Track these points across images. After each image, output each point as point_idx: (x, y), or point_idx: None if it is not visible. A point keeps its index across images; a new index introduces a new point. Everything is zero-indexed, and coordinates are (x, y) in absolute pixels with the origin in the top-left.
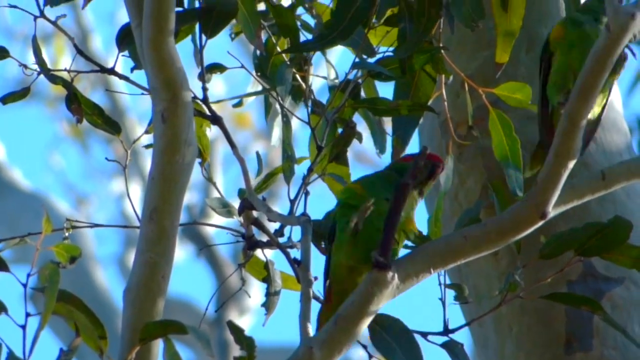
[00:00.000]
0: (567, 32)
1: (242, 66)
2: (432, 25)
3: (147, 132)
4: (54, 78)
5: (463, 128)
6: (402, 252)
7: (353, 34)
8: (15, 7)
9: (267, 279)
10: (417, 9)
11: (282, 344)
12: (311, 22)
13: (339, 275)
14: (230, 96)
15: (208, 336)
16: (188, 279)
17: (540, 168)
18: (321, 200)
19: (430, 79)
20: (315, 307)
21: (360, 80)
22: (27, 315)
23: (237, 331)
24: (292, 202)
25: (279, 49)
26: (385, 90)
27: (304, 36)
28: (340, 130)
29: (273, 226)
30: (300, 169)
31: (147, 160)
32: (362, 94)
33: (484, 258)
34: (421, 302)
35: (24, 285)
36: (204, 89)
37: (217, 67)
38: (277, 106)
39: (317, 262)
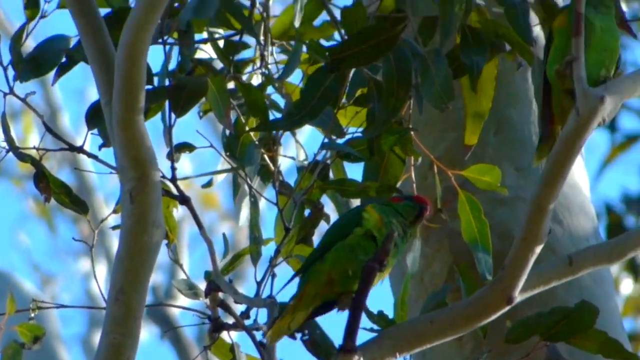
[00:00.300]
0: (569, 18)
1: (211, 145)
2: (401, 106)
3: (114, 211)
4: (22, 156)
5: (431, 210)
6: (368, 335)
7: (322, 114)
8: None
9: None
10: (386, 89)
11: None
12: (280, 101)
13: (318, 281)
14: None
15: None
16: None
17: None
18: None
19: (399, 160)
20: None
21: (329, 161)
22: None
23: None
24: (259, 284)
25: (247, 128)
26: (354, 170)
27: (273, 115)
28: (308, 211)
29: (239, 308)
30: (267, 251)
31: (114, 240)
32: (331, 175)
33: (448, 342)
34: None
35: None
36: (173, 169)
37: (186, 147)
38: (245, 186)
39: (283, 345)
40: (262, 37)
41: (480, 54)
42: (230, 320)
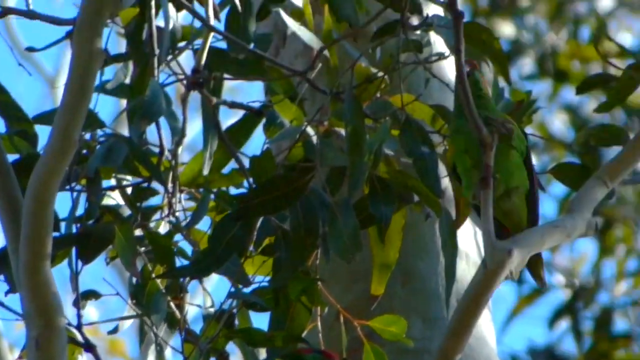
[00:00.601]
0: (455, 141)
1: (117, 293)
2: (307, 256)
3: (20, 357)
4: None
5: None
6: None
7: (228, 262)
8: None
9: None
10: (293, 238)
11: None
12: (188, 249)
13: None
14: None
15: None
16: None
17: None
18: None
19: (306, 310)
20: None
21: (235, 310)
22: None
23: None
24: None
25: (154, 275)
26: (261, 319)
27: (181, 263)
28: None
29: None
30: None
31: None
32: (237, 323)
33: None
34: None
35: None
36: (79, 316)
37: (92, 294)
38: (152, 334)
39: None
40: (170, 185)
41: (389, 205)
42: None
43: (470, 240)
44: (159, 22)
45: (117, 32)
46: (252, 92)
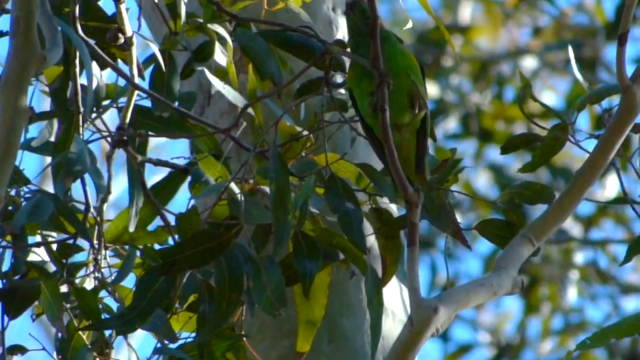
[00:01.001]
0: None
1: (44, 348)
2: (232, 311)
3: None
4: None
5: None
6: None
7: (154, 317)
8: None
9: None
10: (218, 292)
11: None
12: (114, 305)
13: None
14: None
15: None
16: None
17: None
18: None
19: None
20: None
21: None
22: None
23: None
24: None
25: (79, 328)
26: None
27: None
28: None
29: None
30: None
31: None
32: None
33: None
34: None
35: None
36: None
37: (18, 348)
38: None
39: None
40: (95, 241)
41: (314, 261)
42: None
43: (396, 297)
44: (83, 80)
45: (42, 89)
46: (176, 149)
